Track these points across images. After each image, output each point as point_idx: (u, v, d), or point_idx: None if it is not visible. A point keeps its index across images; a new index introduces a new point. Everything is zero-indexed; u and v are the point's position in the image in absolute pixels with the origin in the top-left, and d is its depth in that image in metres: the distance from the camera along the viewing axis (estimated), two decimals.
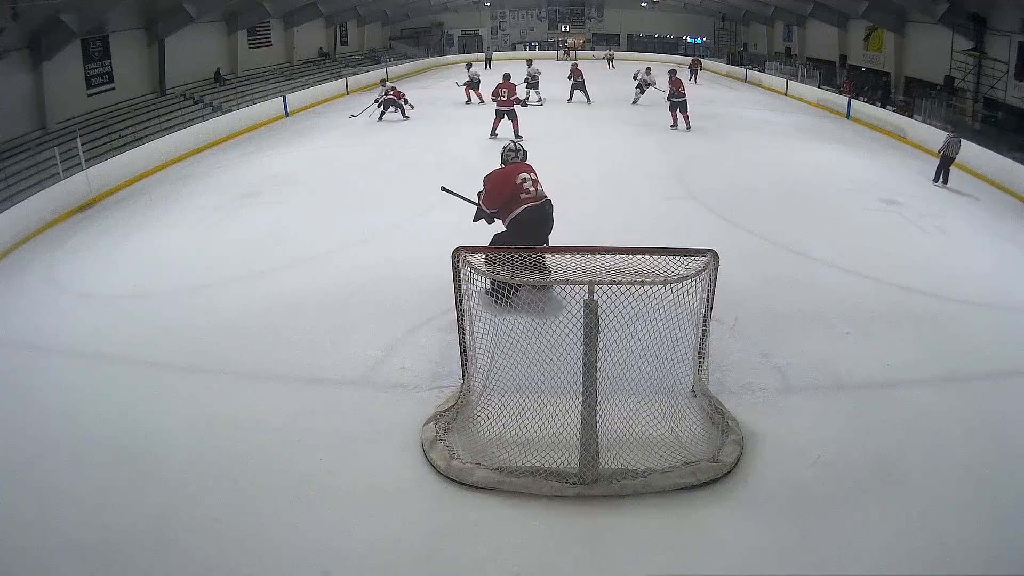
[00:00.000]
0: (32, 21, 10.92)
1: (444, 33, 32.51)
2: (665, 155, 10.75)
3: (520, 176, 5.17)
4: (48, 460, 3.72)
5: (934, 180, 9.56)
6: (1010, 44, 12.68)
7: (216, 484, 3.47)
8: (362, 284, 5.88)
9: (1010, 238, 7.32)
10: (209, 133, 13.30)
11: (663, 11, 30.88)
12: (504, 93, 11.76)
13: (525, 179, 5.16)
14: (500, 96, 11.79)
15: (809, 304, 5.38)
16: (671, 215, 7.69)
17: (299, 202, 8.63)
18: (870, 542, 3.02)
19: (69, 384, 4.54)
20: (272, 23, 20.25)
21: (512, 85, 11.94)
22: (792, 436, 3.74)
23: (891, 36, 17.02)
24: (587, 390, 3.25)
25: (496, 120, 11.98)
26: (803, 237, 6.88)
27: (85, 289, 6.25)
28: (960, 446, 3.69)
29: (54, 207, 8.69)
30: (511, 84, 11.93)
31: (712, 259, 3.59)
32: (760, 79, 21.44)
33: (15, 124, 11.00)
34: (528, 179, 5.17)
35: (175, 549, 3.06)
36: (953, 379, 4.37)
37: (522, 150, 5.57)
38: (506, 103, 11.78)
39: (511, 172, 5.23)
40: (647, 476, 3.33)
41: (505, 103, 11.79)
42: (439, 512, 3.26)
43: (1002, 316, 5.27)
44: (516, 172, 5.21)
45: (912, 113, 13.58)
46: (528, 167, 5.33)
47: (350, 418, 4.00)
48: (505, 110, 11.83)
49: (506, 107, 11.80)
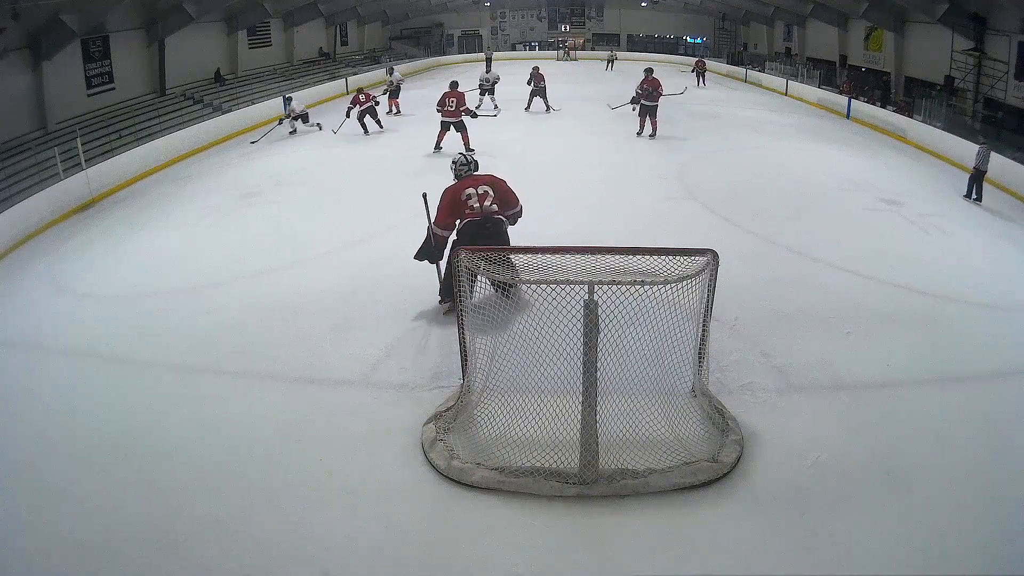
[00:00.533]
0: (32, 21, 10.91)
1: (444, 33, 32.50)
2: (665, 155, 10.75)
3: (466, 192, 4.98)
4: (48, 460, 3.72)
5: (965, 195, 8.77)
6: (1010, 44, 12.68)
7: (216, 484, 3.47)
8: (362, 284, 5.88)
9: (1010, 238, 7.33)
10: (209, 133, 13.30)
11: (663, 11, 30.88)
12: (451, 103, 10.58)
13: (471, 195, 4.96)
14: (447, 106, 10.60)
15: (809, 304, 5.38)
16: (671, 215, 7.69)
17: (299, 202, 8.63)
18: (870, 542, 3.02)
19: (69, 384, 4.54)
20: (272, 23, 20.25)
21: (460, 94, 10.75)
22: (792, 436, 3.74)
23: (891, 36, 17.01)
24: (587, 390, 3.25)
25: (441, 133, 10.82)
26: (803, 237, 6.88)
27: (85, 289, 6.25)
28: (960, 446, 3.70)
29: (54, 207, 8.69)
30: (459, 93, 10.76)
31: (712, 259, 3.58)
32: (760, 79, 21.43)
33: (15, 124, 10.99)
34: (474, 195, 4.96)
35: (175, 549, 3.06)
36: (953, 379, 4.36)
37: (473, 162, 5.28)
38: (452, 114, 10.59)
39: (458, 188, 5.03)
40: (647, 476, 3.33)
41: (451, 114, 10.59)
42: (439, 512, 3.26)
43: (1002, 316, 5.27)
44: (463, 188, 5.01)
45: (912, 113, 13.57)
46: (479, 179, 5.11)
47: (350, 418, 4.00)
48: (452, 121, 10.65)
49: (453, 118, 10.62)
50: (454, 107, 10.56)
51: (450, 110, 10.58)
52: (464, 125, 10.68)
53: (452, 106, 10.56)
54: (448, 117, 10.64)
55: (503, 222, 5.08)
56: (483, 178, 5.13)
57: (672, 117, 13.20)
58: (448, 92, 10.75)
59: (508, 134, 12.50)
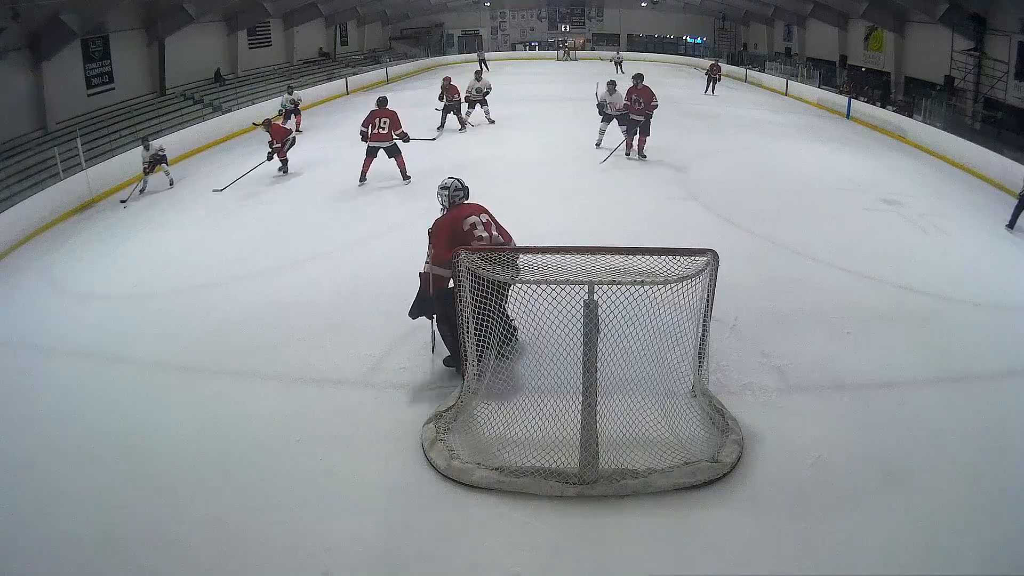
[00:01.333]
0: (32, 21, 10.92)
1: (444, 33, 32.49)
2: (665, 155, 10.74)
3: (468, 220, 4.14)
4: (48, 460, 3.72)
5: (1009, 225, 7.65)
6: (1010, 44, 12.69)
7: (216, 484, 3.47)
8: (362, 284, 5.88)
9: (1010, 238, 7.32)
10: (209, 133, 13.30)
11: (663, 11, 30.88)
12: (382, 124, 8.61)
13: (475, 223, 4.13)
14: (376, 128, 8.61)
15: (809, 304, 5.38)
16: (671, 215, 7.69)
17: (299, 202, 8.63)
18: (870, 542, 3.02)
19: (69, 384, 4.54)
20: (272, 23, 20.26)
21: (392, 113, 8.72)
22: (792, 436, 3.74)
23: (891, 36, 17.03)
24: (587, 390, 3.25)
25: (366, 161, 8.88)
26: (803, 237, 6.88)
27: (85, 289, 6.25)
28: (960, 446, 3.69)
29: (54, 207, 8.69)
30: (390, 112, 8.76)
31: (712, 259, 3.58)
32: (760, 79, 21.44)
33: (15, 124, 11.00)
34: (478, 223, 4.14)
35: (175, 549, 3.05)
36: (953, 379, 4.36)
37: (464, 188, 4.37)
38: (382, 137, 8.66)
39: (455, 217, 4.20)
40: (647, 476, 3.33)
41: (381, 137, 8.66)
42: (439, 512, 3.26)
43: (1002, 316, 5.27)
44: (462, 216, 4.18)
45: (912, 113, 13.58)
46: (478, 208, 4.29)
47: (350, 418, 4.00)
48: (382, 146, 8.73)
49: (383, 142, 8.72)
50: (386, 129, 8.65)
51: (380, 132, 8.66)
52: (398, 149, 8.85)
53: (383, 128, 8.65)
54: (376, 141, 8.72)
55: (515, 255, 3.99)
56: (479, 206, 4.32)
57: (672, 117, 13.19)
58: (376, 111, 8.79)
59: (508, 134, 12.51)
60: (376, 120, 8.68)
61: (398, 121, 8.76)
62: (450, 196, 4.33)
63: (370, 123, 8.70)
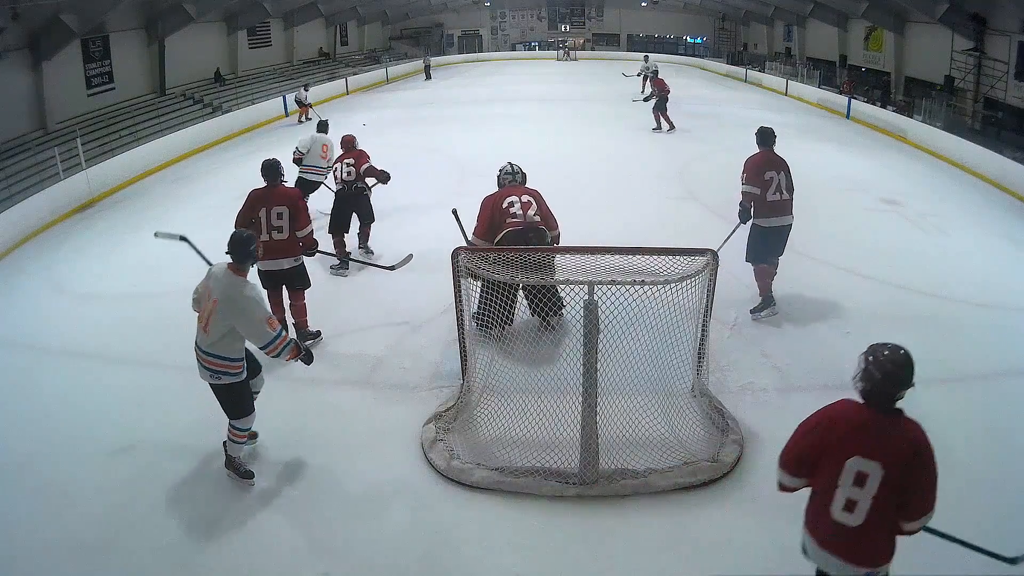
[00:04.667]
0: (32, 21, 10.93)
1: (444, 33, 32.53)
2: (665, 155, 10.75)
3: (508, 199, 4.58)
4: (48, 459, 3.73)
5: None
6: (1010, 44, 12.68)
7: (216, 484, 3.47)
8: (362, 284, 5.88)
9: (1010, 238, 7.32)
10: (209, 133, 13.31)
11: (663, 11, 30.90)
12: (273, 223, 4.55)
13: (513, 202, 4.56)
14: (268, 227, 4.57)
15: (809, 304, 5.38)
16: (671, 215, 7.69)
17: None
18: None
19: (69, 384, 4.54)
20: (272, 23, 20.27)
21: (294, 195, 4.78)
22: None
23: (891, 36, 17.02)
24: (587, 390, 3.25)
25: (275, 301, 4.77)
26: (803, 237, 6.84)
27: (85, 289, 6.25)
28: (960, 446, 3.68)
29: (54, 207, 8.69)
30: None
31: (712, 259, 3.59)
32: (760, 79, 21.44)
33: (15, 124, 11.01)
34: (517, 202, 4.57)
35: (175, 549, 3.06)
36: (953, 379, 4.36)
37: (520, 172, 4.84)
38: (279, 250, 4.61)
39: (499, 196, 4.66)
40: (647, 476, 3.33)
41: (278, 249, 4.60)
42: (439, 512, 3.26)
43: (1002, 316, 5.27)
44: (505, 195, 4.63)
45: (912, 113, 13.58)
46: (523, 190, 4.74)
47: (350, 418, 4.01)
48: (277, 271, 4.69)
49: (279, 259, 4.65)
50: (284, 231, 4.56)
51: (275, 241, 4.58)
52: (304, 276, 4.89)
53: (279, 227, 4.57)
54: (274, 258, 4.62)
55: (546, 233, 4.62)
56: (527, 189, 4.79)
57: (671, 117, 13.17)
58: (265, 192, 4.67)
59: (507, 133, 12.51)
60: (264, 215, 4.59)
61: (306, 214, 4.83)
62: (501, 178, 4.86)
63: (251, 217, 4.61)
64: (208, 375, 3.36)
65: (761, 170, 4.93)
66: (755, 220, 5.01)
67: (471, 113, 14.94)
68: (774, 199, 4.92)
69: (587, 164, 10.07)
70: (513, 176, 4.84)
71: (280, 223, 4.52)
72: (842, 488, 2.18)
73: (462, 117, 14.04)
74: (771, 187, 4.90)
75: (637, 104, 16.15)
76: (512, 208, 4.54)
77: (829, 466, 2.21)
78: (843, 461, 2.17)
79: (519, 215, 4.52)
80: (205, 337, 3.33)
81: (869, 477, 2.14)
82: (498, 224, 4.54)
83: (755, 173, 4.93)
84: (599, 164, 10.12)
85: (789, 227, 5.12)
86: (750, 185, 4.93)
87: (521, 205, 4.56)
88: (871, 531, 2.20)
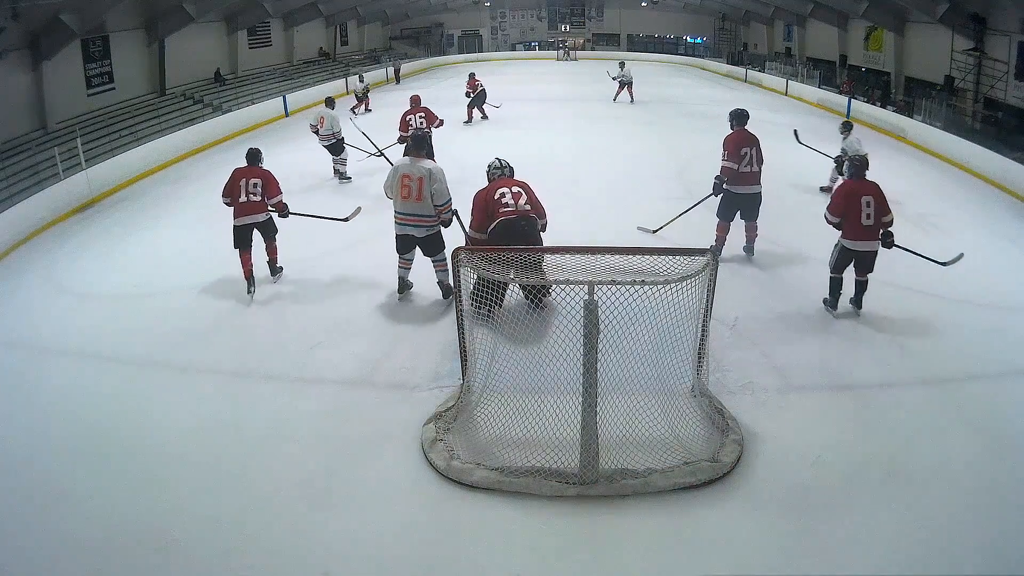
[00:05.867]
0: (32, 21, 10.92)
1: (444, 33, 32.54)
2: (665, 155, 10.75)
3: (499, 191, 4.88)
4: (48, 459, 3.72)
5: None
6: (1010, 44, 12.68)
7: (216, 484, 3.47)
8: (362, 284, 5.88)
9: (1010, 238, 7.32)
10: (209, 133, 13.30)
11: (663, 11, 30.91)
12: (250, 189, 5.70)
13: (504, 192, 4.86)
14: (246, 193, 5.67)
15: (809, 304, 5.38)
16: (671, 214, 7.67)
17: (299, 202, 8.61)
18: (870, 542, 3.02)
19: (69, 383, 4.54)
20: (272, 23, 20.27)
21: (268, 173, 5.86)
22: (792, 436, 3.74)
23: (891, 36, 17.03)
24: (587, 390, 3.25)
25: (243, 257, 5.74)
26: (803, 237, 6.87)
27: (85, 289, 6.25)
28: (960, 446, 3.69)
29: (54, 207, 8.68)
30: (265, 172, 5.90)
31: (712, 259, 3.59)
32: (760, 79, 21.44)
33: (15, 124, 11.00)
34: (508, 192, 4.86)
35: (175, 549, 3.05)
36: (953, 379, 4.36)
37: (508, 166, 5.19)
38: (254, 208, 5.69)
39: (490, 189, 4.96)
40: (647, 476, 3.33)
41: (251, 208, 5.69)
42: (439, 512, 3.26)
43: (1002, 316, 5.27)
44: (496, 187, 4.93)
45: (912, 113, 13.57)
46: (513, 181, 5.04)
47: (350, 418, 4.01)
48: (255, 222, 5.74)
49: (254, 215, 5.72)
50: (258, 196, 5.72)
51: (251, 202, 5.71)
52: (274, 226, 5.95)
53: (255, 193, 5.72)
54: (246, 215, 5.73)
55: (536, 221, 4.95)
56: (516, 181, 5.08)
57: (672, 117, 13.21)
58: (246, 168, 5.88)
59: (507, 133, 12.51)
60: (244, 183, 5.70)
61: (276, 186, 5.83)
62: (490, 173, 5.21)
63: (235, 189, 5.72)
64: (423, 231, 5.13)
65: (739, 147, 5.91)
66: (728, 187, 6.02)
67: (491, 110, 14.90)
68: (746, 171, 5.91)
69: (587, 164, 10.08)
70: (501, 170, 5.18)
71: (255, 190, 5.77)
72: (864, 209, 4.91)
73: (461, 117, 14.02)
74: (745, 160, 5.90)
75: (637, 104, 16.20)
76: (504, 199, 4.83)
77: (855, 204, 4.95)
78: (861, 198, 4.94)
79: (511, 204, 4.82)
80: (418, 205, 5.06)
81: (873, 200, 4.92)
82: (491, 214, 4.84)
83: (734, 150, 5.91)
84: (599, 164, 10.13)
85: (757, 195, 6.05)
86: (730, 161, 5.91)
87: (512, 195, 4.85)
88: (875, 226, 4.97)
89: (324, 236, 7.19)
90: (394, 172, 5.20)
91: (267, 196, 5.78)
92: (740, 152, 5.87)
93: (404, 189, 5.07)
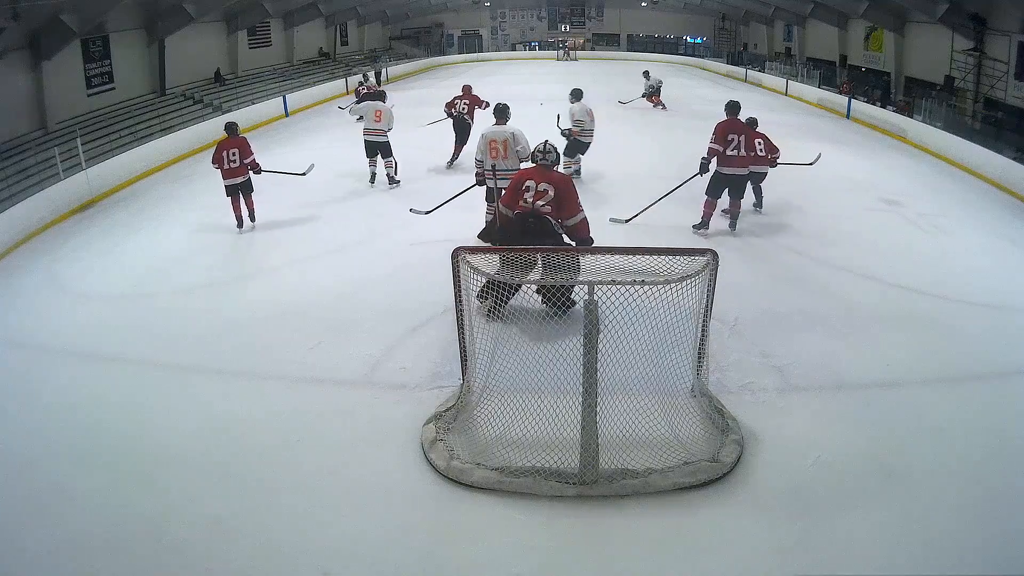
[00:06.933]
0: (32, 21, 10.90)
1: (444, 33, 32.52)
2: (665, 154, 10.74)
3: (527, 183, 4.79)
4: (48, 459, 3.72)
5: None
6: (1010, 44, 12.68)
7: (216, 484, 3.47)
8: (362, 283, 5.88)
9: (1010, 238, 7.32)
10: (209, 133, 13.29)
11: (663, 11, 30.91)
12: (232, 157, 7.22)
13: (529, 187, 4.76)
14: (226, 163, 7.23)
15: (809, 304, 5.38)
16: (671, 215, 7.67)
17: (299, 202, 8.62)
18: (870, 542, 3.02)
19: (69, 383, 4.54)
20: (272, 23, 20.26)
21: (242, 141, 7.40)
22: (792, 436, 3.74)
23: (891, 36, 17.03)
24: (587, 390, 3.25)
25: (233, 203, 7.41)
26: (803, 237, 6.88)
27: (85, 289, 6.25)
28: (960, 446, 3.69)
29: (54, 207, 8.68)
30: (241, 140, 7.39)
31: (712, 259, 3.59)
32: (760, 79, 21.44)
33: (15, 124, 10.99)
34: (532, 187, 4.75)
35: (175, 549, 3.05)
36: (953, 379, 4.36)
37: (553, 151, 4.89)
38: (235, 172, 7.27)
39: (524, 175, 4.90)
40: (647, 476, 3.33)
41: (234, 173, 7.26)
42: (439, 512, 3.26)
43: (1002, 316, 5.27)
44: (527, 176, 4.86)
45: (912, 113, 13.57)
46: (546, 175, 4.80)
47: (350, 418, 4.00)
48: (237, 183, 7.32)
49: (237, 178, 7.30)
50: (236, 161, 7.24)
51: (231, 168, 7.24)
52: (251, 185, 7.45)
53: (234, 160, 7.24)
54: (231, 178, 7.27)
55: (550, 222, 4.75)
56: (551, 175, 4.82)
57: (671, 117, 13.20)
58: (227, 140, 7.34)
59: None
60: (226, 154, 7.18)
61: (248, 149, 7.35)
62: (532, 155, 5.16)
63: (222, 159, 7.20)
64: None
65: (727, 133, 6.53)
66: (717, 168, 6.67)
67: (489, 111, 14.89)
68: (732, 154, 6.50)
69: (586, 163, 10.06)
70: (544, 155, 4.91)
71: (235, 157, 7.24)
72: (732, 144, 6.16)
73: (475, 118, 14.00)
74: (731, 145, 6.48)
75: (636, 104, 16.18)
76: (527, 193, 4.80)
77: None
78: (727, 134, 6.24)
79: (528, 202, 4.78)
80: (504, 162, 6.12)
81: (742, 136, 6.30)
82: (514, 201, 4.89)
83: (722, 135, 6.54)
84: (599, 163, 10.11)
85: (743, 177, 6.69)
86: (717, 144, 6.54)
87: (535, 193, 4.76)
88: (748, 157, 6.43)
89: (324, 236, 7.20)
90: (483, 139, 6.28)
91: (242, 158, 7.26)
92: (727, 137, 6.46)
93: (492, 151, 6.15)
